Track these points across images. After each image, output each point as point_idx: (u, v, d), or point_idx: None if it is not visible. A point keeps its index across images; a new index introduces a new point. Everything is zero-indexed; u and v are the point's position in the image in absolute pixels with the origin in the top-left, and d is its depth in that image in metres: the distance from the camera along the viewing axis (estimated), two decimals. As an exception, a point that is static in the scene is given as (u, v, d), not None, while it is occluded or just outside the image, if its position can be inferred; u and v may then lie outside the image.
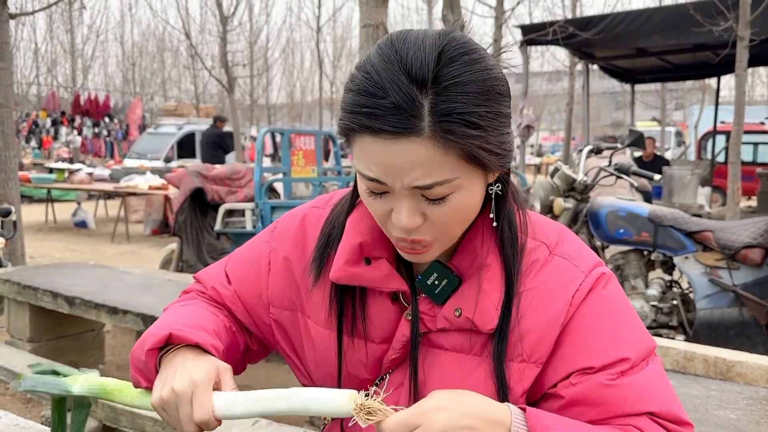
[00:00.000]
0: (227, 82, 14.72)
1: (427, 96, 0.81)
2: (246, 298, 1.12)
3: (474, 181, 0.89)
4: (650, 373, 0.94)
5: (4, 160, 5.62)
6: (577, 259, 0.99)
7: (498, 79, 0.86)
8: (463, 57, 0.84)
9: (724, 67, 10.07)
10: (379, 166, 0.85)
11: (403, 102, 0.81)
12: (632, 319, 0.98)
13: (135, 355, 1.03)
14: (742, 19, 6.88)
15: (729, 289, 3.73)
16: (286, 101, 33.98)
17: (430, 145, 0.82)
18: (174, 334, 0.98)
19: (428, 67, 0.81)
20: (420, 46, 0.83)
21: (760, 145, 15.51)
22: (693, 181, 9.08)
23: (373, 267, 1.00)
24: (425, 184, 0.85)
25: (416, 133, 0.81)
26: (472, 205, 0.92)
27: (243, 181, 6.36)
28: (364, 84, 0.84)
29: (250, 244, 1.18)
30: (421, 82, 0.81)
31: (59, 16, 27.25)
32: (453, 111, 0.81)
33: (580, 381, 0.92)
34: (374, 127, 0.82)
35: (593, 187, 4.20)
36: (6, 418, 1.73)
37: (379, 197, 0.90)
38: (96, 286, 3.75)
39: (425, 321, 0.99)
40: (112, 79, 32.14)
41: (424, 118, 0.81)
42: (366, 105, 0.83)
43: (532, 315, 0.95)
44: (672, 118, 31.68)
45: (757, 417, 2.06)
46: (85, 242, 9.80)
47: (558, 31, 8.94)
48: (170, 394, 0.92)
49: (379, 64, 0.84)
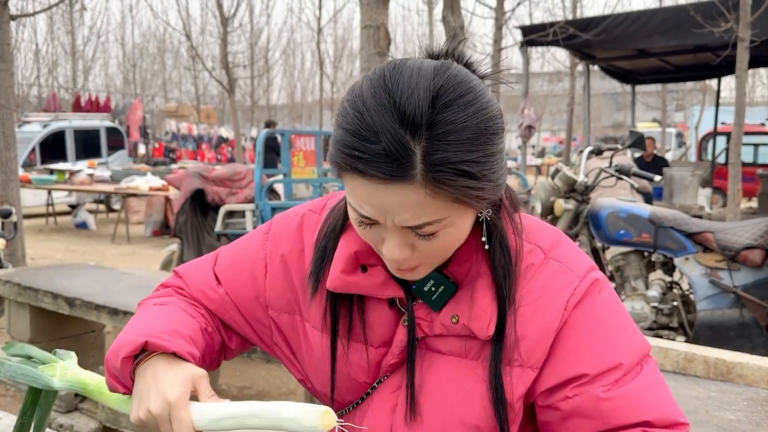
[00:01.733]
0: (228, 83, 14.74)
1: (419, 143, 0.79)
2: (239, 300, 1.11)
3: (464, 217, 0.89)
4: (644, 379, 0.94)
5: (4, 161, 5.62)
6: (571, 264, 0.99)
7: (492, 118, 0.84)
8: (458, 100, 0.81)
9: (724, 68, 10.07)
10: (370, 205, 0.85)
11: (395, 150, 0.79)
12: (626, 323, 0.98)
13: (110, 362, 1.01)
14: (742, 21, 6.88)
15: (729, 290, 3.73)
16: (286, 102, 33.99)
17: (422, 190, 0.81)
18: (150, 342, 0.96)
19: (422, 113, 0.79)
20: (414, 89, 0.81)
21: (760, 147, 15.51)
22: (693, 183, 9.08)
23: (369, 274, 1.00)
24: (416, 224, 0.85)
25: (407, 179, 0.80)
26: (461, 236, 0.92)
27: (243, 183, 6.36)
28: (355, 124, 0.82)
29: (242, 243, 1.16)
30: (414, 128, 0.79)
31: (60, 18, 27.24)
32: (446, 161, 0.80)
33: (576, 393, 0.93)
34: (365, 171, 0.81)
35: (594, 188, 4.20)
36: (7, 419, 1.73)
37: (370, 228, 0.90)
38: (96, 288, 3.75)
39: (422, 326, 0.99)
40: (113, 81, 32.14)
41: (416, 166, 0.80)
42: (357, 149, 0.81)
43: (528, 320, 0.95)
44: (673, 119, 31.67)
45: (757, 418, 2.06)
46: (86, 243, 9.81)
47: (558, 32, 8.94)
48: (148, 415, 0.92)
49: (372, 106, 0.82)
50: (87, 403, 3.01)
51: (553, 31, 8.97)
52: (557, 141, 34.95)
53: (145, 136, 23.41)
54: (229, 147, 25.10)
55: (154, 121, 26.33)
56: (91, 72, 29.67)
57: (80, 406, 3.04)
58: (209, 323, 1.11)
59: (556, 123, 37.17)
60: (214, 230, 5.76)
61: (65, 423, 2.95)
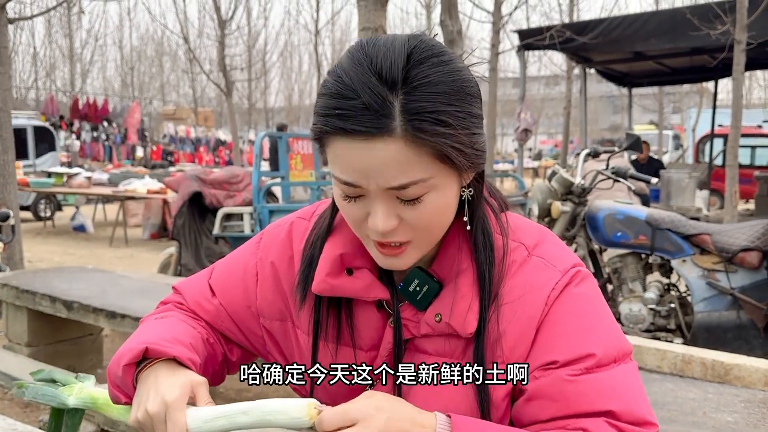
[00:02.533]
0: (225, 86, 14.75)
1: (397, 96, 0.83)
2: (233, 310, 1.12)
3: (447, 181, 0.89)
4: (618, 374, 0.92)
5: (2, 164, 5.62)
6: (554, 260, 0.98)
7: (467, 80, 0.88)
8: (432, 59, 0.85)
9: (721, 71, 10.10)
10: (354, 168, 0.86)
11: (374, 102, 0.82)
12: (605, 317, 0.97)
13: (112, 371, 1.01)
14: (739, 23, 6.90)
15: (727, 292, 3.74)
16: (284, 105, 33.99)
17: (403, 144, 0.83)
18: (150, 348, 0.97)
19: (398, 68, 0.83)
20: (390, 48, 0.85)
21: (757, 148, 15.53)
22: (691, 185, 9.09)
23: (355, 277, 1.00)
24: (400, 183, 0.86)
25: (388, 132, 0.82)
26: (446, 207, 0.92)
27: (241, 185, 6.36)
28: (335, 87, 0.85)
29: (235, 255, 1.17)
30: (391, 82, 0.83)
31: (58, 21, 27.25)
32: (423, 110, 0.82)
33: (542, 375, 0.92)
34: (346, 128, 0.83)
35: (591, 190, 4.20)
36: (4, 422, 1.73)
37: (354, 201, 0.91)
38: (94, 291, 3.75)
39: (409, 327, 0.99)
40: (111, 84, 32.13)
41: (395, 118, 0.82)
42: (338, 107, 0.84)
43: (510, 316, 0.95)
44: (670, 122, 31.69)
45: (754, 420, 2.06)
46: (84, 246, 9.80)
47: (555, 36, 8.96)
48: (145, 415, 0.93)
49: (350, 67, 0.85)
50: (85, 406, 3.01)
51: (550, 34, 9.00)
52: (554, 144, 35.00)
53: (143, 139, 23.44)
54: (226, 150, 25.12)
55: (152, 124, 26.33)
56: (89, 75, 29.72)
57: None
58: (211, 335, 1.12)
59: (553, 126, 37.23)
60: (212, 233, 5.76)
61: (63, 426, 2.95)
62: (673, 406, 2.18)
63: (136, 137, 22.76)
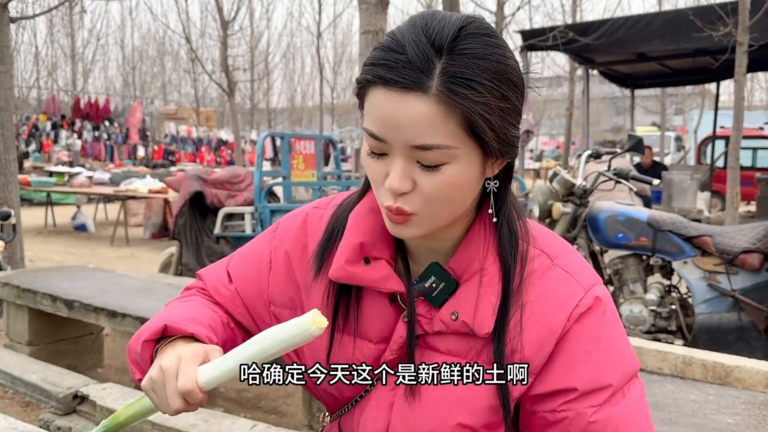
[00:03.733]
0: (228, 86, 14.74)
1: (441, 59, 0.85)
2: (247, 296, 1.14)
3: (471, 158, 0.90)
4: (630, 401, 0.96)
5: (4, 163, 5.63)
6: (578, 274, 0.99)
7: (513, 68, 0.90)
8: (483, 38, 0.88)
9: (723, 72, 10.07)
10: (383, 119, 0.88)
11: (417, 58, 0.85)
12: (622, 343, 0.99)
13: (132, 347, 1.04)
14: (741, 25, 6.89)
15: (728, 294, 3.74)
16: (286, 105, 33.99)
17: (434, 104, 0.85)
18: (169, 326, 1.00)
19: (448, 35, 0.86)
20: (446, 18, 0.89)
21: (759, 150, 15.52)
22: (692, 186, 9.08)
23: (372, 267, 1.01)
24: (423, 143, 0.87)
25: (423, 89, 0.85)
26: (463, 184, 0.92)
27: (242, 185, 6.36)
28: (388, 42, 0.89)
29: (252, 243, 1.20)
30: (438, 45, 0.86)
31: (60, 20, 27.27)
32: (461, 75, 0.85)
33: (565, 409, 0.95)
34: (386, 77, 0.86)
35: (592, 191, 4.20)
36: (4, 421, 1.74)
37: (378, 159, 0.92)
38: (95, 290, 3.75)
39: (422, 323, 1.00)
40: (113, 83, 32.14)
41: (433, 78, 0.85)
42: (384, 58, 0.87)
43: (531, 325, 0.96)
44: (672, 123, 31.68)
45: (755, 422, 2.06)
46: (85, 246, 9.80)
47: (558, 37, 8.95)
48: (158, 371, 0.94)
49: (405, 28, 0.89)
50: (85, 405, 3.01)
51: (553, 35, 8.98)
52: (555, 145, 34.98)
53: (145, 138, 23.45)
54: (228, 150, 25.12)
55: (154, 124, 26.31)
56: (91, 74, 29.72)
57: (78, 408, 3.04)
58: (231, 320, 1.14)
59: (555, 127, 37.21)
60: (213, 233, 5.76)
61: (63, 425, 2.95)
62: (673, 407, 2.18)
63: (137, 137, 22.77)
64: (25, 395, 3.28)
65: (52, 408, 3.06)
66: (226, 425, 2.50)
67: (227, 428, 2.48)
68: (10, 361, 3.50)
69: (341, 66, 29.69)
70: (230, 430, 2.46)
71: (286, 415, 3.59)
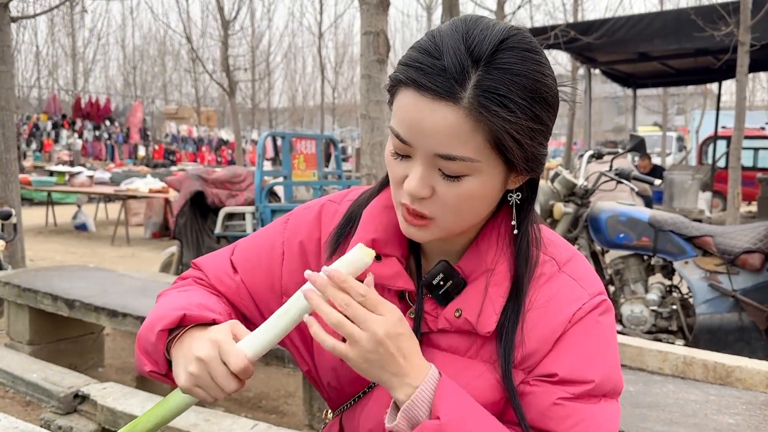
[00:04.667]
0: (228, 86, 14.74)
1: (477, 71, 0.84)
2: (254, 288, 1.12)
3: (494, 173, 0.89)
4: (602, 411, 0.94)
5: (4, 163, 5.63)
6: (584, 281, 0.99)
7: (548, 86, 0.88)
8: (523, 52, 0.86)
9: (725, 72, 10.06)
10: (411, 123, 0.87)
11: (453, 67, 0.83)
12: (613, 351, 0.99)
13: (144, 337, 1.01)
14: (742, 25, 6.89)
15: (729, 294, 3.73)
16: (287, 105, 34.00)
17: (464, 116, 0.84)
18: (188, 315, 0.98)
19: (488, 46, 0.84)
20: (489, 28, 0.86)
21: (760, 151, 15.52)
22: (694, 186, 9.07)
23: (383, 264, 1.01)
24: (447, 153, 0.86)
25: (454, 99, 0.83)
26: (483, 197, 0.92)
27: (243, 185, 6.36)
28: (425, 44, 0.87)
29: (261, 233, 1.18)
30: (476, 56, 0.84)
31: (61, 20, 27.29)
32: (494, 90, 0.83)
33: (538, 384, 0.94)
34: (419, 81, 0.85)
35: (594, 191, 4.20)
36: (5, 420, 1.73)
37: (401, 160, 0.92)
38: (96, 289, 3.75)
39: (428, 321, 1.00)
40: (113, 83, 32.18)
41: (467, 89, 0.83)
42: (419, 61, 0.86)
43: (533, 327, 0.96)
44: (674, 123, 31.68)
45: (756, 422, 2.06)
46: (85, 245, 9.80)
47: (559, 36, 8.93)
48: (197, 364, 0.91)
49: (446, 32, 0.87)
50: (86, 404, 3.00)
51: (554, 34, 8.97)
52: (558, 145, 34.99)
53: (145, 138, 23.47)
54: (229, 149, 25.14)
55: (154, 124, 26.32)
56: (92, 74, 29.76)
57: (79, 407, 3.04)
58: (233, 311, 1.13)
59: (557, 127, 37.12)
60: (214, 232, 5.75)
61: (64, 425, 2.95)
62: (674, 407, 2.17)
63: (138, 136, 22.78)
64: (25, 395, 3.28)
65: (52, 407, 3.06)
66: (227, 424, 2.50)
67: (228, 428, 2.47)
68: (10, 360, 3.50)
69: (342, 66, 29.70)
70: (231, 429, 2.46)
71: (286, 415, 3.59)
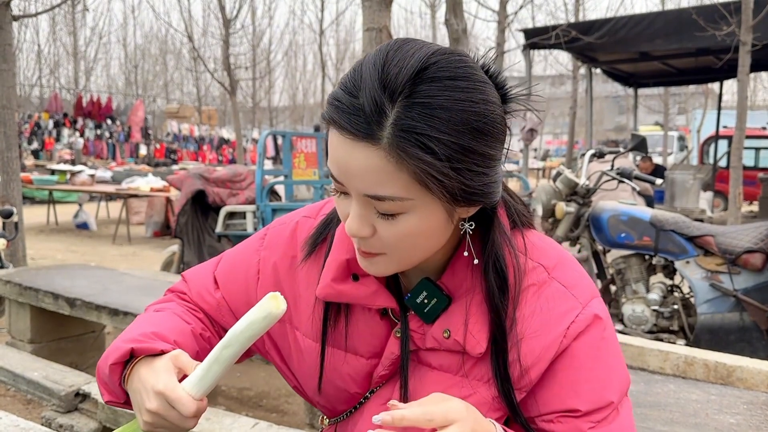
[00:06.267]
0: (229, 85, 14.73)
1: (394, 108, 0.79)
2: (234, 305, 1.11)
3: (430, 208, 0.85)
4: (623, 418, 0.95)
5: (6, 161, 5.63)
6: (575, 288, 0.96)
7: (480, 114, 0.81)
8: (446, 81, 0.80)
9: (726, 72, 10.06)
10: (339, 164, 0.84)
11: (369, 108, 0.79)
12: (620, 359, 0.98)
13: (101, 369, 1.01)
14: (744, 24, 6.89)
15: (730, 293, 3.73)
16: (288, 104, 33.99)
17: (385, 156, 0.79)
18: (136, 348, 0.97)
19: (404, 79, 0.79)
20: (407, 58, 0.80)
21: (761, 150, 15.51)
22: (695, 186, 9.07)
23: (360, 284, 0.98)
24: (375, 194, 0.82)
25: (373, 140, 0.79)
26: (427, 232, 0.87)
27: (244, 184, 6.36)
28: (347, 79, 0.83)
29: (240, 249, 1.16)
30: (392, 92, 0.79)
31: (62, 18, 27.30)
32: (413, 129, 0.78)
33: (562, 422, 0.93)
34: (337, 121, 0.81)
35: (595, 191, 4.20)
36: (6, 419, 1.73)
37: (341, 197, 0.89)
38: (97, 288, 3.75)
39: (415, 339, 0.97)
40: (115, 81, 32.18)
41: (384, 129, 0.79)
42: (339, 99, 0.82)
43: (526, 342, 0.93)
44: (675, 123, 31.64)
45: (757, 422, 2.06)
46: (87, 244, 9.81)
47: (561, 35, 8.94)
48: (150, 416, 0.92)
49: (367, 66, 0.82)
50: (87, 403, 3.01)
51: (556, 34, 8.98)
52: (559, 144, 34.97)
53: (147, 137, 23.48)
54: (230, 148, 25.15)
55: (156, 122, 26.34)
56: (93, 73, 29.78)
57: (80, 406, 3.04)
58: (207, 328, 1.11)
59: (559, 126, 37.19)
60: (215, 231, 5.75)
61: (65, 423, 2.95)
62: (675, 407, 2.17)
63: (139, 135, 22.80)
64: (26, 393, 3.28)
65: (53, 406, 3.06)
66: (228, 423, 2.50)
67: (228, 426, 2.47)
68: (11, 358, 3.50)
69: (344, 63, 29.67)
70: (231, 428, 2.46)
71: (287, 414, 3.59)
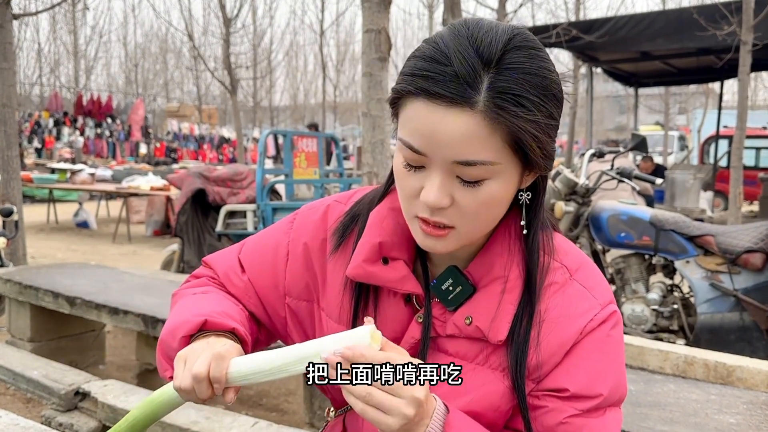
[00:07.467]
0: (230, 84, 14.72)
1: (488, 73, 0.83)
2: (260, 287, 1.13)
3: (511, 174, 0.89)
4: (607, 422, 0.95)
5: (6, 160, 5.63)
6: (595, 291, 0.99)
7: (556, 83, 0.88)
8: (531, 50, 0.86)
9: (727, 72, 10.06)
10: (425, 134, 0.85)
11: (465, 72, 0.82)
12: (621, 364, 0.99)
13: (165, 342, 1.03)
14: (745, 24, 6.89)
15: (730, 293, 3.73)
16: (289, 103, 33.97)
17: (480, 120, 0.83)
18: (210, 321, 0.99)
19: (497, 47, 0.83)
20: (493, 29, 0.86)
21: (762, 150, 15.50)
22: (695, 186, 9.07)
23: (390, 267, 1.00)
24: (467, 159, 0.85)
25: (470, 104, 0.82)
26: (501, 199, 0.91)
27: (245, 183, 6.36)
28: (429, 51, 0.85)
29: (267, 232, 1.18)
30: (486, 58, 0.83)
31: (62, 17, 27.29)
32: (509, 90, 0.82)
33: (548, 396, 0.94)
34: (431, 90, 0.83)
35: (595, 190, 4.20)
36: (6, 417, 1.73)
37: (414, 172, 0.90)
38: (97, 287, 3.75)
39: (436, 326, 0.99)
40: (115, 80, 32.15)
41: (480, 92, 0.82)
42: (427, 69, 0.84)
43: (544, 336, 0.95)
44: (675, 123, 31.62)
45: (757, 422, 2.06)
46: (87, 243, 9.80)
47: (561, 34, 8.93)
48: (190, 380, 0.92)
49: (449, 37, 0.85)
50: (87, 402, 3.01)
51: (556, 33, 8.96)
52: (559, 143, 34.96)
53: (147, 135, 23.45)
54: (230, 147, 25.13)
55: (156, 121, 26.32)
56: (93, 71, 29.77)
57: (80, 404, 3.04)
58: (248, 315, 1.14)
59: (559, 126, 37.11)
60: (215, 230, 5.76)
61: (65, 422, 2.95)
62: (675, 407, 2.17)
63: (139, 134, 22.76)
64: (26, 392, 3.28)
65: (53, 404, 3.07)
66: (228, 422, 2.50)
67: (228, 425, 2.48)
68: (11, 357, 3.51)
69: (344, 64, 29.66)
70: (231, 427, 2.46)
71: (287, 413, 3.59)
